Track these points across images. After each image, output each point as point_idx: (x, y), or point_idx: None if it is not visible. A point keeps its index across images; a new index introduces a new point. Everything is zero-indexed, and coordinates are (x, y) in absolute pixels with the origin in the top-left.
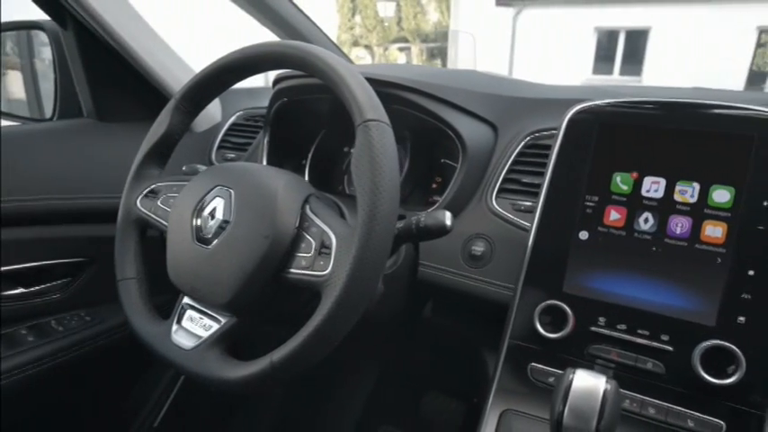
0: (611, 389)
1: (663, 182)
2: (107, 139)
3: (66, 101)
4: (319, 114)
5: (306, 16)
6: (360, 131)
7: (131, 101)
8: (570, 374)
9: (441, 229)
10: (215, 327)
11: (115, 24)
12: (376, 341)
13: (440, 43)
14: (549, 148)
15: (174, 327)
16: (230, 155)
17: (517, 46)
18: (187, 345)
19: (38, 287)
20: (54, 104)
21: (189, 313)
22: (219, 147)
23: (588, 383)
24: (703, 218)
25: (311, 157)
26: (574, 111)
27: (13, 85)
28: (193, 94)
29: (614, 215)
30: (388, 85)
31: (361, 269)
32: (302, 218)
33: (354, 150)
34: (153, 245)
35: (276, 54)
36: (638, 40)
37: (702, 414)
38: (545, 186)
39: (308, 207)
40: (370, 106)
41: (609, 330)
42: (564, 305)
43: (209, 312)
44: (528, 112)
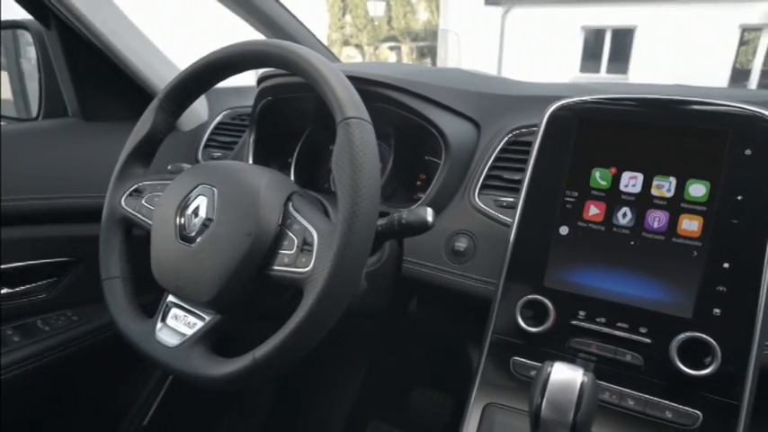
0: (587, 381)
1: (640, 177)
2: (92, 139)
3: (52, 100)
4: (304, 112)
5: (292, 15)
6: (340, 129)
7: (116, 100)
8: (548, 367)
9: (422, 226)
10: (199, 324)
11: (99, 23)
12: (363, 337)
13: (430, 42)
14: (530, 144)
15: (159, 325)
16: (217, 153)
17: (506, 45)
18: (171, 343)
19: (23, 287)
20: (39, 104)
21: (173, 311)
22: (206, 145)
23: (566, 376)
24: (680, 212)
25: (297, 155)
26: (554, 107)
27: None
28: (177, 93)
29: (593, 210)
30: (371, 83)
31: (343, 266)
32: (285, 215)
33: (335, 148)
34: (139, 244)
35: (259, 53)
36: (624, 38)
37: (680, 405)
38: (526, 182)
39: (290, 204)
40: (350, 104)
41: (589, 324)
42: (545, 299)
43: (193, 310)
44: (510, 109)
